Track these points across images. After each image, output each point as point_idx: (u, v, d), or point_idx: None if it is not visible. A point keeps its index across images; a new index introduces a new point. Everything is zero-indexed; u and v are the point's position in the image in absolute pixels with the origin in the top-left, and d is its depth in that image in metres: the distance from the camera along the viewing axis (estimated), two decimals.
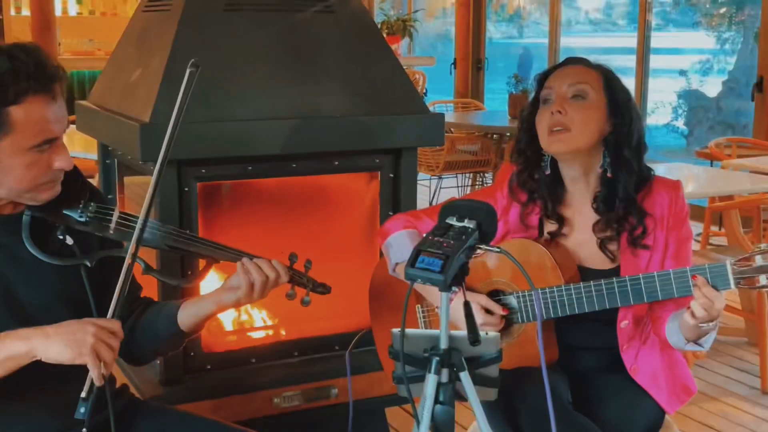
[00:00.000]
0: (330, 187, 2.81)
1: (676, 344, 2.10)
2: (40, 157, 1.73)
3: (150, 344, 2.01)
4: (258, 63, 2.59)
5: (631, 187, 2.12)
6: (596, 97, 2.11)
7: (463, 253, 1.62)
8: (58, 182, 1.81)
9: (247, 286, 1.93)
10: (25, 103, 1.68)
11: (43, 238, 1.82)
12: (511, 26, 16.56)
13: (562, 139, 2.10)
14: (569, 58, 2.21)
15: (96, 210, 1.86)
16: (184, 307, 1.98)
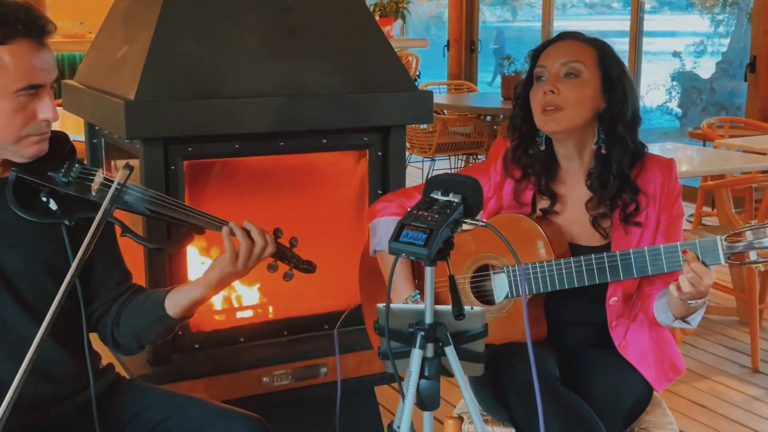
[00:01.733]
0: (318, 166, 2.79)
1: (663, 321, 2.09)
2: (26, 104, 1.73)
3: (136, 329, 1.97)
4: (245, 40, 2.57)
5: (624, 163, 2.11)
6: (589, 75, 2.09)
7: (447, 227, 1.61)
8: (45, 139, 1.80)
9: (232, 252, 1.86)
10: (12, 44, 1.70)
11: (28, 202, 1.81)
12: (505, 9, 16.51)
13: (555, 118, 2.09)
14: (563, 33, 2.19)
15: (80, 171, 1.84)
16: (173, 292, 1.95)
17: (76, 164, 1.85)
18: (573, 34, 2.17)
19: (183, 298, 1.93)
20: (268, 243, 1.91)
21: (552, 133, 2.14)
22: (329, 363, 2.70)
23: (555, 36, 2.20)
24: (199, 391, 2.48)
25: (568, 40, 2.15)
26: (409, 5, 9.75)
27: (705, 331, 4.28)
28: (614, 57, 2.14)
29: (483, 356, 1.78)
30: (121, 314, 1.98)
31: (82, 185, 1.84)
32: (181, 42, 2.49)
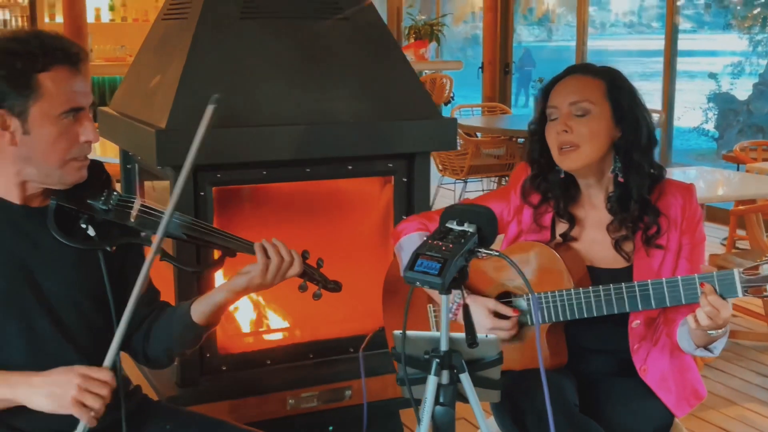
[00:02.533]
0: (344, 191, 2.85)
1: (686, 349, 2.11)
2: (69, 128, 1.82)
3: (164, 342, 2.04)
4: (272, 69, 2.63)
5: (644, 188, 2.13)
6: (599, 109, 2.12)
7: (461, 257, 1.64)
8: (85, 166, 1.88)
9: (263, 265, 1.94)
10: (52, 71, 1.80)
11: (67, 228, 1.89)
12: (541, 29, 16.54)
13: (572, 157, 2.12)
14: (570, 67, 2.21)
15: (118, 199, 1.93)
16: (198, 299, 2.02)
17: (114, 192, 1.93)
18: (580, 68, 2.19)
19: (207, 303, 2.00)
20: (295, 260, 1.99)
21: (570, 171, 2.17)
22: (354, 386, 2.74)
23: (563, 71, 2.21)
24: (226, 413, 2.54)
25: (576, 74, 2.17)
26: (444, 27, 9.83)
27: (735, 357, 4.24)
28: (623, 85, 2.16)
29: (499, 383, 1.81)
30: (150, 329, 2.05)
31: (121, 212, 1.92)
32: (210, 71, 2.57)
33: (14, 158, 1.84)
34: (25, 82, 1.78)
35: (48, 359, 1.87)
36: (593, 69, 2.18)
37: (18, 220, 1.88)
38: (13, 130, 1.81)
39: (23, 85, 1.78)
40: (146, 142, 2.51)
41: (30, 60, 1.79)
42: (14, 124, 1.80)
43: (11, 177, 1.86)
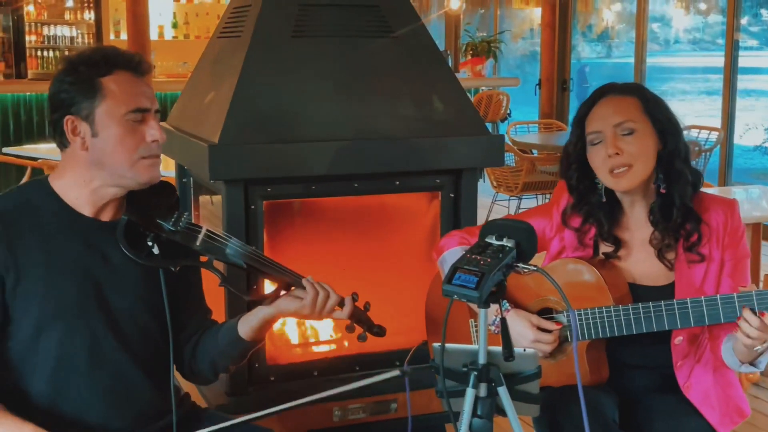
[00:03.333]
0: (391, 206, 2.89)
1: (731, 365, 2.11)
2: (135, 128, 1.92)
3: (211, 356, 2.12)
4: (322, 86, 2.69)
5: (686, 195, 2.14)
6: (642, 125, 2.13)
7: (499, 271, 1.67)
8: (157, 164, 1.96)
9: (312, 298, 2.03)
10: (115, 74, 1.92)
11: (134, 244, 1.97)
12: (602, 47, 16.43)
13: (627, 177, 2.13)
14: (598, 91, 2.21)
15: (187, 223, 2.00)
16: (245, 316, 2.10)
17: (184, 214, 2.01)
18: (610, 89, 2.19)
19: (254, 318, 2.07)
20: (344, 301, 2.09)
21: (626, 191, 2.17)
22: (400, 399, 2.77)
23: (592, 95, 2.21)
24: (273, 423, 2.57)
25: (609, 96, 2.18)
26: (502, 44, 9.84)
27: None
28: (654, 98, 2.18)
29: (538, 398, 1.82)
30: (198, 344, 2.12)
31: (188, 235, 1.99)
32: (262, 89, 2.64)
33: (87, 164, 1.93)
34: (90, 86, 1.89)
35: (109, 368, 1.96)
36: (622, 88, 2.19)
37: (89, 233, 1.96)
38: (83, 135, 1.91)
39: (88, 89, 1.89)
40: (199, 157, 2.58)
41: (93, 66, 1.91)
42: (83, 128, 1.91)
43: (84, 186, 1.95)
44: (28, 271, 1.89)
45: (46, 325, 1.90)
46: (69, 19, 10.71)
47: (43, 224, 1.93)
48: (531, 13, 11.95)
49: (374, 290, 2.85)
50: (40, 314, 1.90)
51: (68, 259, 1.93)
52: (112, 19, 10.71)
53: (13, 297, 1.88)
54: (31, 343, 1.91)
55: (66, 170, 1.97)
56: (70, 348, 1.92)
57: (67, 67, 1.94)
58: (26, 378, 1.93)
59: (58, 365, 1.92)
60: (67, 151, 1.96)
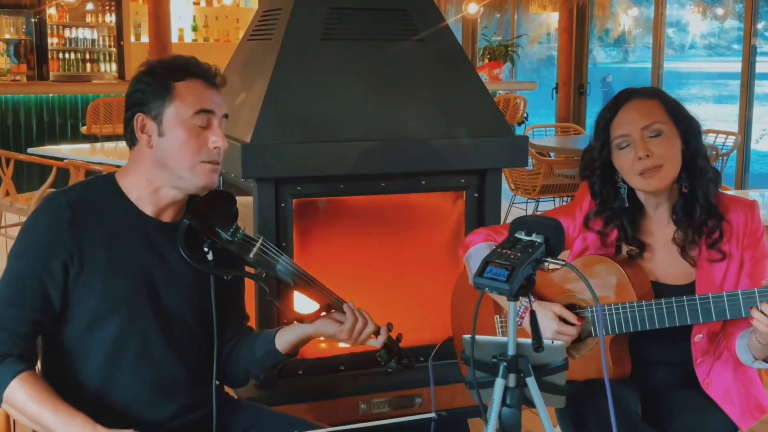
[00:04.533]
0: (417, 205, 2.95)
1: (745, 361, 2.16)
2: (199, 133, 1.99)
3: (245, 363, 2.20)
4: (351, 88, 2.76)
5: (710, 192, 2.19)
6: (668, 127, 2.18)
7: (529, 265, 1.73)
8: (217, 171, 2.03)
9: (351, 325, 2.12)
10: (187, 81, 2.00)
11: (190, 248, 2.05)
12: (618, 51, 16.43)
13: (658, 177, 2.17)
14: (620, 96, 2.25)
15: (243, 235, 2.08)
16: (283, 330, 2.18)
17: (241, 228, 2.09)
18: (633, 93, 2.23)
19: (293, 334, 2.16)
20: (380, 331, 2.17)
21: (657, 192, 2.22)
22: (424, 394, 2.83)
23: (612, 101, 2.25)
24: (301, 415, 2.64)
25: (633, 100, 2.22)
26: (519, 48, 9.89)
27: None
28: (673, 100, 2.24)
29: (564, 389, 1.88)
30: (233, 349, 2.20)
31: (243, 247, 2.07)
32: (292, 90, 2.71)
33: (151, 163, 2.00)
34: (163, 88, 1.98)
35: (155, 363, 2.04)
36: (643, 92, 2.24)
37: (149, 231, 2.04)
38: (150, 133, 1.99)
39: (161, 90, 1.98)
40: (232, 156, 2.65)
41: (170, 70, 2.00)
42: (151, 126, 1.99)
43: (147, 185, 2.02)
44: (92, 263, 1.96)
45: (102, 318, 1.97)
46: (90, 21, 10.85)
47: (108, 219, 2.00)
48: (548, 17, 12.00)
49: (399, 287, 2.93)
50: (97, 307, 1.97)
51: (129, 256, 2.00)
52: (132, 22, 10.84)
53: (75, 286, 1.95)
54: (86, 333, 1.98)
55: (131, 168, 2.05)
56: (121, 341, 1.99)
57: (146, 69, 2.02)
58: (79, 366, 2.00)
59: (110, 357, 1.99)
60: (134, 149, 2.04)
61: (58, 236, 1.93)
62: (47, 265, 1.92)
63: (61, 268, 1.93)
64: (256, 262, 2.08)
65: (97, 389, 2.00)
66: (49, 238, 1.94)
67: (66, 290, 1.95)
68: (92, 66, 10.86)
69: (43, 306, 1.93)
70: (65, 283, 1.94)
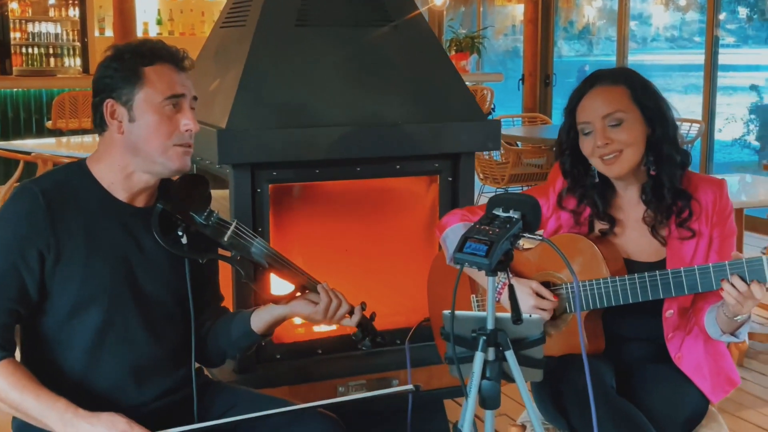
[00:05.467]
0: (392, 190, 2.98)
1: (713, 335, 2.21)
2: (171, 116, 2.00)
3: (221, 344, 2.22)
4: (326, 74, 2.78)
5: (675, 178, 2.24)
6: (631, 115, 2.21)
7: (507, 240, 1.77)
8: (189, 153, 2.04)
9: (326, 305, 2.15)
10: (157, 65, 2.00)
11: (165, 232, 2.06)
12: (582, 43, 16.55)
13: (618, 162, 2.22)
14: (588, 80, 2.28)
15: (218, 219, 2.09)
16: (258, 310, 2.21)
17: (215, 212, 2.09)
18: (599, 77, 2.26)
19: (268, 315, 2.19)
20: (354, 310, 2.20)
21: (617, 177, 2.27)
22: (401, 375, 2.86)
23: (581, 84, 2.28)
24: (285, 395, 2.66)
25: (599, 86, 2.24)
26: (485, 40, 9.95)
27: None
28: (644, 85, 2.26)
29: (542, 362, 1.92)
30: (210, 330, 2.23)
31: (217, 230, 2.08)
32: (268, 76, 2.72)
33: (122, 149, 2.01)
34: (132, 73, 1.98)
35: (136, 347, 2.05)
36: (611, 76, 2.26)
37: (124, 217, 2.05)
38: (121, 119, 1.99)
39: (130, 76, 1.98)
40: (207, 142, 2.66)
41: (138, 55, 1.99)
42: (121, 112, 1.99)
43: (119, 171, 2.03)
44: (69, 251, 1.96)
45: (83, 305, 1.98)
46: (53, 16, 10.72)
47: (83, 207, 2.00)
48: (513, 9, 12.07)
49: (375, 271, 2.96)
50: (77, 294, 1.97)
51: (106, 242, 2.01)
52: (96, 16, 10.72)
53: (53, 275, 1.95)
54: (67, 321, 1.99)
55: (103, 154, 2.05)
56: (102, 328, 2.00)
57: (113, 54, 2.02)
58: (59, 354, 2.00)
59: (91, 344, 2.00)
60: (105, 135, 2.04)
61: (33, 226, 1.94)
62: (24, 256, 1.92)
63: (37, 257, 1.93)
64: (230, 245, 2.09)
65: (78, 375, 2.01)
66: (25, 228, 1.94)
67: (43, 280, 1.95)
68: (56, 60, 10.74)
69: (19, 296, 1.93)
70: (42, 272, 1.95)
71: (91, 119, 2.08)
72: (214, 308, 2.26)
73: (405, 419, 2.49)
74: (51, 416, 1.87)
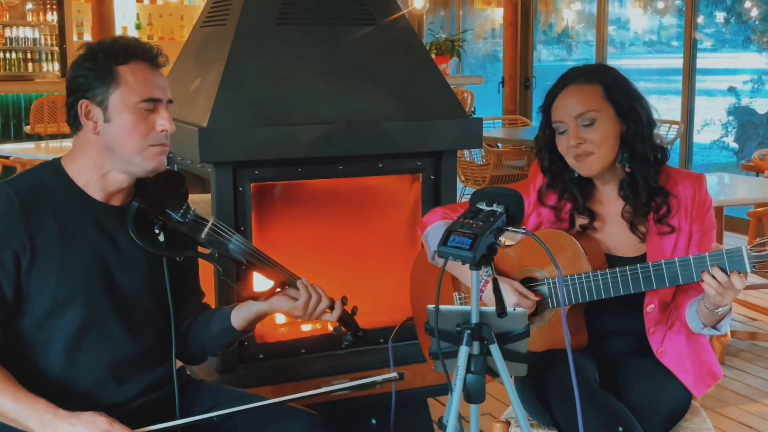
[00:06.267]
0: (374, 189, 2.97)
1: (694, 329, 2.22)
2: (146, 116, 1.98)
3: (202, 340, 2.21)
4: (307, 72, 2.78)
5: (649, 176, 2.25)
6: (604, 114, 2.23)
7: (491, 234, 1.77)
8: (165, 153, 2.03)
9: (305, 300, 2.13)
10: (131, 64, 1.98)
11: (141, 231, 2.04)
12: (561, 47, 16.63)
13: (589, 163, 2.24)
14: (563, 78, 2.29)
15: (194, 216, 2.08)
16: (238, 306, 2.19)
17: (192, 209, 2.08)
18: (573, 76, 2.27)
19: (248, 311, 2.17)
20: (334, 305, 2.18)
21: (590, 176, 2.28)
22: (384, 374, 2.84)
23: (557, 83, 2.29)
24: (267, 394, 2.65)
25: (572, 85, 2.25)
26: (465, 44, 9.98)
27: (755, 357, 4.34)
28: (619, 83, 2.26)
29: (526, 357, 1.92)
30: (190, 327, 2.21)
31: (194, 227, 2.07)
32: (249, 75, 2.71)
33: (98, 149, 1.99)
34: (107, 73, 1.96)
35: (115, 346, 2.04)
36: (585, 74, 2.27)
37: (99, 217, 2.03)
38: (96, 119, 1.98)
39: (105, 76, 1.96)
40: (188, 141, 2.64)
41: (112, 54, 1.97)
42: (96, 112, 1.97)
43: (95, 171, 2.01)
44: (45, 251, 1.95)
45: (60, 305, 1.97)
46: (31, 20, 10.65)
47: (58, 206, 1.99)
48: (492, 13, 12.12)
49: (358, 270, 2.95)
50: (54, 294, 1.96)
51: (82, 241, 1.99)
52: (75, 21, 10.66)
53: (28, 276, 1.94)
54: (45, 321, 1.97)
55: (77, 153, 2.04)
56: (81, 328, 1.99)
57: (86, 52, 2.00)
58: (38, 355, 1.99)
59: (69, 344, 1.99)
60: (79, 135, 2.02)
61: (8, 227, 1.92)
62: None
63: (12, 259, 1.92)
64: (208, 242, 2.08)
65: (57, 375, 1.99)
66: (0, 230, 1.92)
67: (19, 281, 1.94)
68: (34, 66, 10.66)
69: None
70: (18, 274, 1.93)
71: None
72: (194, 304, 2.25)
73: (388, 417, 2.48)
74: (30, 418, 1.85)
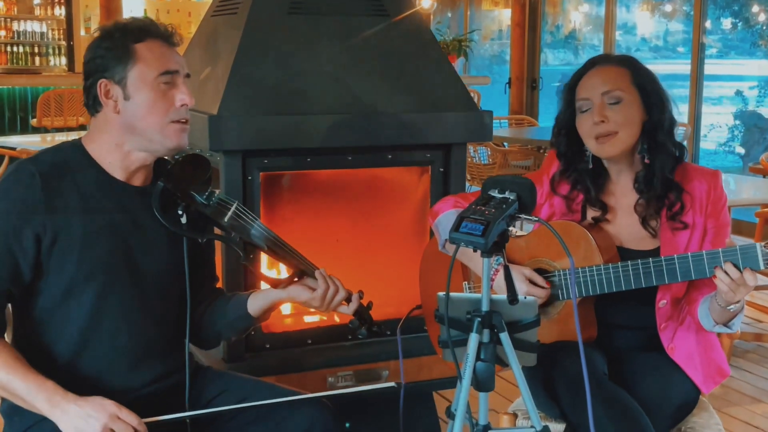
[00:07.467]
0: (383, 180, 2.96)
1: (706, 326, 2.21)
2: (165, 91, 1.98)
3: (217, 326, 2.21)
4: (318, 62, 2.77)
5: (667, 167, 2.24)
6: (630, 96, 2.23)
7: (503, 221, 1.76)
8: (186, 130, 2.03)
9: (323, 291, 2.12)
10: (147, 41, 1.99)
11: (165, 211, 2.04)
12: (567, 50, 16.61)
13: (611, 143, 2.22)
14: (591, 60, 2.30)
15: (219, 199, 2.08)
16: (255, 294, 2.18)
17: (216, 191, 2.08)
18: (602, 59, 2.29)
19: (265, 299, 2.17)
20: (351, 297, 2.18)
21: (609, 158, 2.27)
22: (390, 366, 2.85)
23: (585, 64, 2.30)
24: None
25: (600, 66, 2.26)
26: (471, 44, 9.97)
27: (762, 359, 4.34)
28: (645, 71, 2.28)
29: (536, 346, 1.91)
30: (205, 312, 2.20)
31: (218, 211, 2.07)
32: (259, 64, 2.71)
33: (118, 128, 1.99)
34: (124, 51, 1.96)
35: (131, 329, 2.03)
36: (615, 58, 2.29)
37: (122, 196, 2.03)
38: (116, 98, 1.98)
39: (122, 54, 1.96)
40: (198, 129, 2.64)
41: (127, 33, 1.98)
42: (116, 91, 1.97)
43: (116, 150, 2.01)
44: (66, 232, 1.94)
45: (79, 285, 1.96)
46: (39, 14, 10.68)
47: (80, 186, 1.98)
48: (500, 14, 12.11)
49: (366, 261, 2.94)
50: (74, 274, 1.95)
51: (103, 221, 1.99)
52: (82, 15, 10.68)
53: (49, 255, 1.93)
54: (62, 301, 1.96)
55: (97, 134, 2.03)
56: (99, 309, 1.98)
57: (102, 34, 2.01)
58: (52, 336, 1.98)
59: (86, 325, 1.98)
60: (98, 116, 2.02)
61: (30, 207, 1.92)
62: (18, 237, 1.90)
63: (33, 239, 1.91)
64: (230, 226, 2.08)
65: (70, 357, 1.99)
66: (21, 208, 1.91)
67: (39, 261, 1.93)
68: (41, 60, 10.69)
69: (11, 276, 1.91)
70: (38, 254, 1.93)
71: (76, 117, 2.08)
72: (209, 289, 2.25)
73: (393, 412, 2.47)
74: (38, 397, 1.84)
